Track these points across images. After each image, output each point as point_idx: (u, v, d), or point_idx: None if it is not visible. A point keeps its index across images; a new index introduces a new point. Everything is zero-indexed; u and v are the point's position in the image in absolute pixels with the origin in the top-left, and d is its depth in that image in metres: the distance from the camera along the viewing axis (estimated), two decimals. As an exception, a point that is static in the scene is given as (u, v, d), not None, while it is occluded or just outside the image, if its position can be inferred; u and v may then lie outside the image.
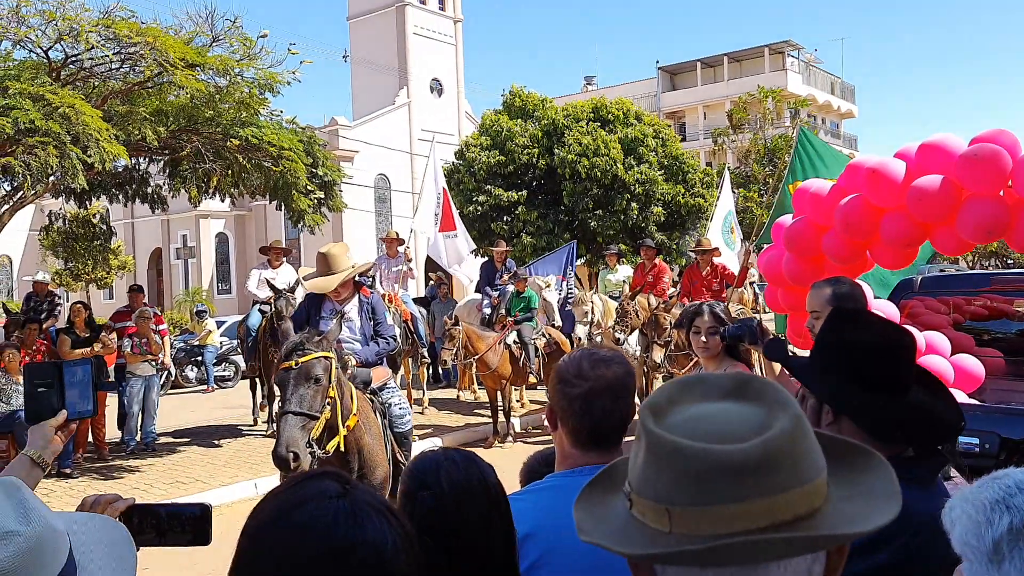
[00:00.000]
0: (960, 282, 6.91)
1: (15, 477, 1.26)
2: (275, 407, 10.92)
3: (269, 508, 1.02)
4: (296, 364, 4.11)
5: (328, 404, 4.22)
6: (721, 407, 0.92)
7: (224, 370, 17.73)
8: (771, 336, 4.00)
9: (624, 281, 12.95)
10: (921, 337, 4.94)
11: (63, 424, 1.98)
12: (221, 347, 17.86)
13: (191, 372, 17.45)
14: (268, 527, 0.99)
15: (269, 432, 10.80)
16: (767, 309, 11.96)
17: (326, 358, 4.22)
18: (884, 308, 5.00)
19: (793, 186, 6.57)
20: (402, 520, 1.04)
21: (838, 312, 2.08)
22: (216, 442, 10.62)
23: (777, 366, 4.30)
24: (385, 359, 5.81)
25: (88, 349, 9.76)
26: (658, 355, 9.51)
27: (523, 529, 1.85)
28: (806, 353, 2.54)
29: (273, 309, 9.87)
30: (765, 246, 7.68)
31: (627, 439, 2.17)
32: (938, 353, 5.16)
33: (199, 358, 17.36)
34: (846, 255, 4.49)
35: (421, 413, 11.74)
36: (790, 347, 6.68)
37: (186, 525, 1.51)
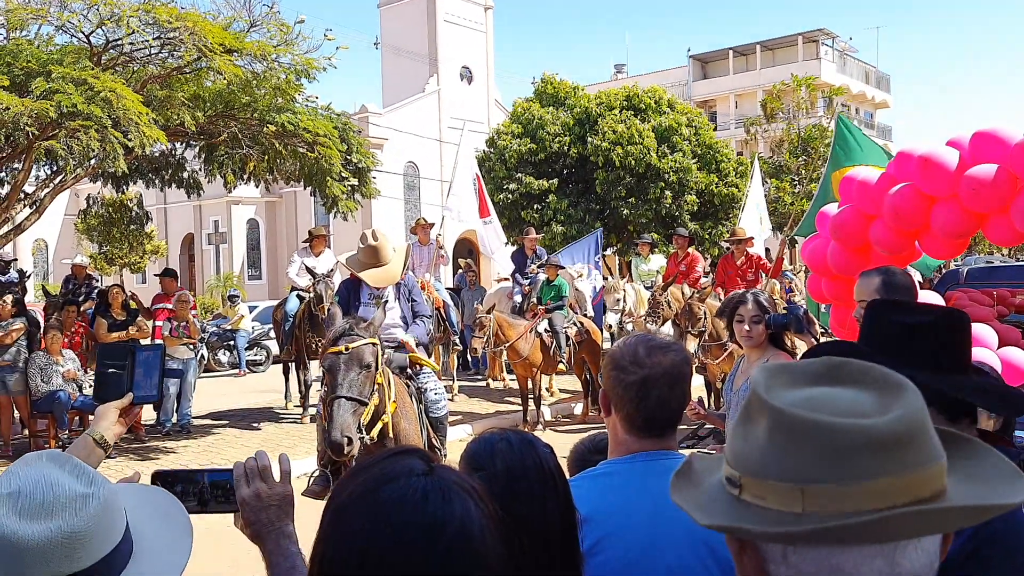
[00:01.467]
0: (1006, 273, 6.78)
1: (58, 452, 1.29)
2: (311, 393, 11.02)
3: (356, 484, 1.01)
4: (346, 349, 4.12)
5: (376, 390, 4.24)
6: (825, 391, 0.89)
7: (256, 355, 17.91)
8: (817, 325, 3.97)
9: (657, 271, 12.90)
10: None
11: (127, 407, 2.00)
12: (253, 332, 18.04)
13: (223, 356, 17.65)
14: (356, 503, 0.99)
15: (303, 418, 10.84)
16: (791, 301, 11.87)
17: (374, 344, 4.23)
18: (928, 299, 4.92)
19: (840, 172, 6.45)
20: (487, 500, 1.04)
21: (882, 303, 2.02)
22: (250, 425, 10.73)
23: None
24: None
25: (124, 332, 9.90)
26: (691, 345, 9.45)
27: (579, 514, 1.84)
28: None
29: (313, 294, 9.93)
30: (798, 238, 7.58)
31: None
32: (984, 346, 5.07)
33: (231, 342, 17.54)
34: (894, 245, 4.41)
35: (451, 400, 11.76)
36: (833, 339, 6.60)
37: (230, 494, 1.51)
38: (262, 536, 1.47)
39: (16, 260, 14.13)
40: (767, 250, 14.34)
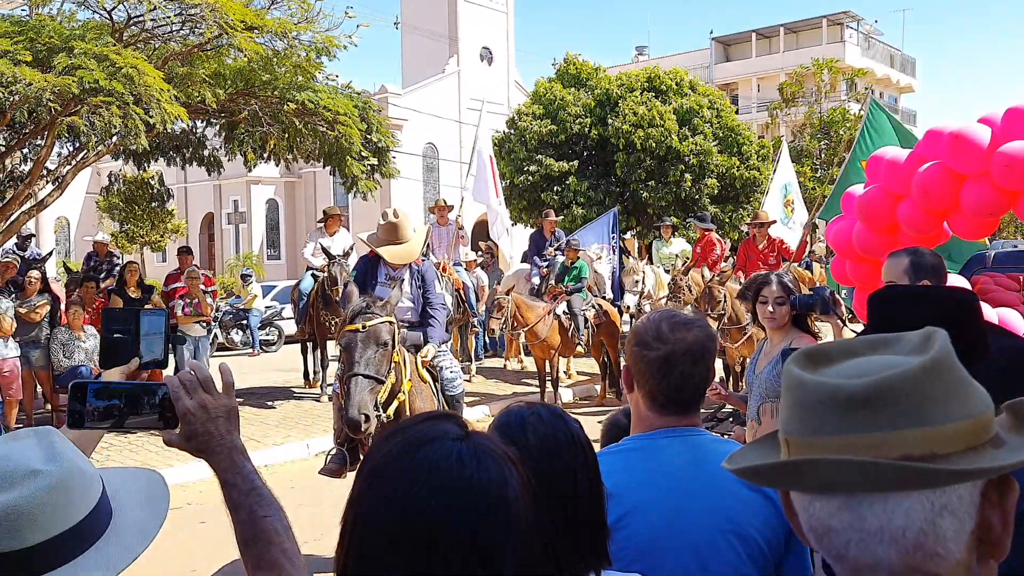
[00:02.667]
0: (1034, 258, 6.63)
1: (54, 428, 1.28)
2: (329, 372, 11.07)
3: (391, 446, 1.00)
4: (363, 328, 4.12)
5: (392, 369, 4.24)
6: (898, 357, 0.90)
7: (268, 334, 17.99)
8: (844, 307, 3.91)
9: (677, 255, 12.83)
10: (993, 314, 4.77)
11: (135, 373, 1.98)
12: (266, 311, 18.13)
13: (236, 335, 17.73)
14: (391, 465, 0.98)
15: (321, 397, 10.86)
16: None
17: (390, 323, 4.23)
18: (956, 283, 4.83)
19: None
20: (521, 467, 1.03)
21: (885, 292, 1.98)
22: (267, 403, 10.80)
23: (847, 334, 4.21)
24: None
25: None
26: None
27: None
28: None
29: (327, 275, 9.97)
30: (819, 221, 7.48)
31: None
32: (1012, 331, 4.99)
33: (244, 321, 17.64)
34: (923, 225, 4.33)
35: (469, 381, 11.77)
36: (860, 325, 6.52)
37: (173, 408, 1.41)
38: (212, 450, 1.39)
39: (34, 235, 14.24)
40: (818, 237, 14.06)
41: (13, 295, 9.34)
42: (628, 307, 11.38)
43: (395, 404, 4.42)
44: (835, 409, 0.85)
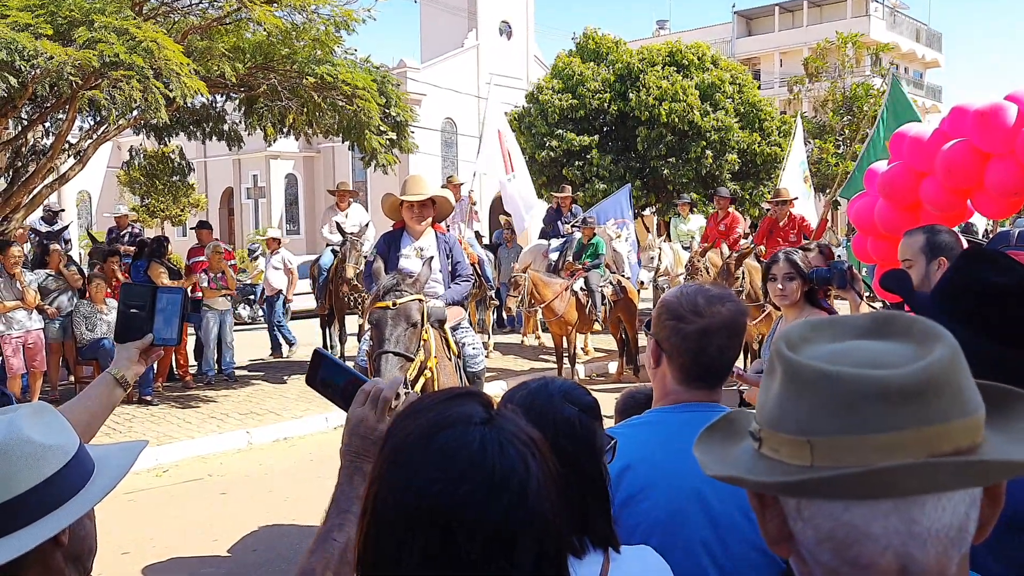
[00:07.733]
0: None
1: (45, 403, 1.30)
2: (348, 346, 11.18)
3: (414, 426, 0.99)
4: (394, 305, 4.12)
5: (421, 346, 4.26)
6: (861, 344, 0.85)
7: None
8: (859, 278, 3.86)
9: (697, 230, 12.77)
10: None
11: (147, 348, 2.00)
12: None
13: (243, 310, 17.75)
14: (413, 446, 0.97)
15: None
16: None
17: (420, 301, 4.24)
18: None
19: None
20: (546, 453, 1.00)
21: (974, 251, 1.94)
22: (285, 377, 10.90)
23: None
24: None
25: (184, 280, 10.24)
26: (729, 305, 9.32)
27: (623, 462, 1.82)
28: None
29: (340, 256, 10.17)
30: (840, 199, 7.40)
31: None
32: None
33: (252, 296, 17.71)
34: (946, 203, 4.28)
35: (486, 357, 11.79)
36: (878, 303, 6.45)
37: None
38: (342, 460, 1.41)
39: (63, 210, 14.38)
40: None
41: (30, 267, 9.50)
42: (643, 283, 11.36)
43: (422, 381, 4.45)
44: (882, 403, 0.77)
